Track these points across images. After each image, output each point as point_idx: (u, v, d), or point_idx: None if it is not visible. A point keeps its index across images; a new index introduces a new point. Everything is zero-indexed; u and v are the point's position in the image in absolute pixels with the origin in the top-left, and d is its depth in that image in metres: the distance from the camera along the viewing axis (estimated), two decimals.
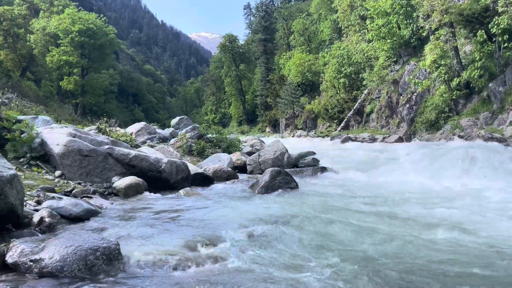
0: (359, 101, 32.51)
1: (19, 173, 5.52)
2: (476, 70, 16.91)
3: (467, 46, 19.64)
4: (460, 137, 16.14)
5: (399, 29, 25.62)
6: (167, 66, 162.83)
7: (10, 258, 2.87)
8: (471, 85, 17.84)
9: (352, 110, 32.88)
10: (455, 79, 18.27)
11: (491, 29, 15.93)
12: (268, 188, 6.74)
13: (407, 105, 22.75)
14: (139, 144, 11.06)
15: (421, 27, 23.23)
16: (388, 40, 25.98)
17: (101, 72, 47.94)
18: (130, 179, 6.27)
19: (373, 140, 22.81)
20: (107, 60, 48.71)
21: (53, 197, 4.91)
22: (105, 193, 6.03)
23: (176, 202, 5.87)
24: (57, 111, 29.20)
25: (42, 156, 6.80)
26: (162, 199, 6.10)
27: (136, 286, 2.69)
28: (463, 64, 18.49)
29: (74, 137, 6.84)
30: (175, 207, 5.40)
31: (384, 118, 27.23)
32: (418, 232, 4.18)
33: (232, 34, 66.21)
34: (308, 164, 10.51)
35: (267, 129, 52.55)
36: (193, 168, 8.06)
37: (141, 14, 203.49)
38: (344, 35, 40.09)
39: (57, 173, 6.44)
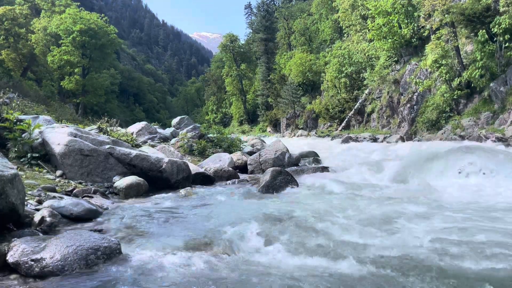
0: (360, 101, 32.50)
1: (20, 172, 5.53)
2: (477, 70, 16.89)
3: (468, 45, 19.63)
4: (461, 137, 16.12)
5: (400, 28, 25.61)
6: (168, 65, 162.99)
7: (11, 257, 2.88)
8: (472, 85, 17.82)
9: (353, 110, 32.87)
10: (456, 79, 18.26)
11: (492, 29, 15.91)
12: (269, 188, 6.74)
13: (408, 105, 22.74)
14: (140, 143, 11.06)
15: (422, 27, 23.22)
16: (389, 40, 25.96)
17: (102, 71, 48.06)
18: (131, 179, 6.27)
19: (374, 140, 22.79)
20: (108, 60, 48.81)
21: (54, 197, 4.92)
22: (106, 192, 6.04)
23: (177, 201, 5.87)
24: (58, 110, 29.26)
25: (43, 156, 6.81)
26: (163, 198, 6.10)
27: (137, 286, 2.69)
28: (464, 64, 18.48)
29: (75, 136, 6.84)
30: (176, 207, 5.40)
31: (385, 118, 27.22)
32: (422, 232, 4.17)
33: (233, 33, 66.18)
34: (309, 164, 10.51)
35: (268, 129, 52.55)
36: (194, 168, 8.07)
37: (142, 13, 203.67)
38: (345, 35, 40.10)
39: (58, 172, 6.45)
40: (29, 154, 6.64)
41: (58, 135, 6.89)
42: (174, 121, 16.33)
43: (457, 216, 4.76)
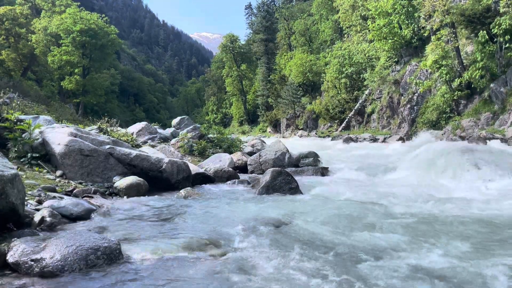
0: (360, 101, 32.51)
1: (20, 172, 5.53)
2: (477, 71, 16.90)
3: (469, 46, 19.63)
4: (461, 137, 16.11)
5: (401, 29, 25.61)
6: (168, 66, 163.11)
7: (11, 257, 2.88)
8: (472, 86, 17.83)
9: (353, 110, 32.88)
10: (456, 79, 18.25)
11: (493, 30, 15.91)
12: (269, 188, 6.73)
13: (408, 106, 22.74)
14: (140, 144, 11.07)
15: (423, 27, 23.23)
16: (389, 40, 25.97)
17: (102, 71, 48.05)
18: (131, 179, 6.27)
19: (374, 140, 22.80)
20: (108, 60, 48.84)
21: (54, 197, 4.92)
22: (106, 193, 6.04)
23: (177, 202, 5.87)
24: (58, 110, 29.27)
25: (43, 156, 6.80)
26: (163, 199, 6.10)
27: (136, 286, 2.69)
28: (464, 64, 18.48)
29: (75, 136, 6.84)
30: (176, 207, 5.40)
31: (385, 118, 27.22)
32: (417, 233, 4.17)
33: (233, 34, 66.21)
34: (309, 164, 10.50)
35: (268, 129, 52.55)
36: (194, 168, 8.06)
37: (142, 14, 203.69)
38: (345, 35, 40.13)
39: (58, 172, 6.45)
40: (29, 154, 6.64)
41: (58, 135, 6.89)
42: (174, 121, 16.33)
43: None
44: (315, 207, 5.45)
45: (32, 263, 2.80)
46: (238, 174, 8.84)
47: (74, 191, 5.60)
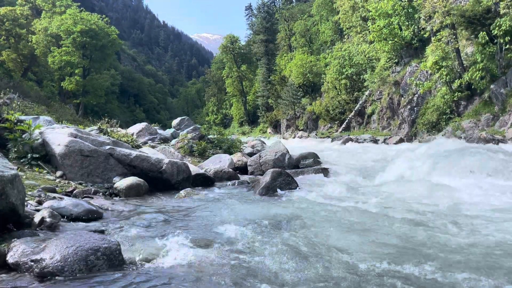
0: (360, 102, 32.52)
1: (20, 173, 5.54)
2: (477, 72, 16.90)
3: (469, 47, 19.64)
4: (461, 138, 16.08)
5: (401, 30, 25.63)
6: (169, 66, 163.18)
7: (11, 258, 2.88)
8: (472, 87, 17.83)
9: (353, 111, 32.90)
10: (456, 80, 18.26)
11: (493, 31, 15.92)
12: (269, 189, 6.73)
13: (408, 107, 22.75)
14: (140, 144, 11.06)
15: (423, 29, 23.26)
16: (390, 41, 25.99)
17: (103, 72, 48.09)
18: (131, 180, 6.27)
19: (375, 141, 22.79)
20: (108, 61, 48.87)
21: (54, 197, 4.92)
22: (106, 193, 6.04)
23: (177, 202, 5.87)
24: (58, 111, 29.25)
25: (43, 156, 6.80)
26: (163, 199, 6.10)
27: (136, 287, 2.69)
28: (464, 65, 18.48)
29: (75, 137, 6.84)
30: (175, 208, 5.40)
31: (385, 119, 27.23)
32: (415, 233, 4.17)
33: (233, 35, 66.19)
34: (309, 165, 10.50)
35: (268, 130, 52.56)
36: (194, 169, 8.06)
37: (142, 14, 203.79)
38: (345, 36, 40.16)
39: (58, 173, 6.45)
40: (29, 155, 6.64)
41: (58, 136, 6.89)
42: (175, 122, 16.34)
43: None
44: (314, 209, 5.44)
45: (32, 263, 2.79)
46: (238, 175, 8.85)
47: (74, 191, 5.60)
